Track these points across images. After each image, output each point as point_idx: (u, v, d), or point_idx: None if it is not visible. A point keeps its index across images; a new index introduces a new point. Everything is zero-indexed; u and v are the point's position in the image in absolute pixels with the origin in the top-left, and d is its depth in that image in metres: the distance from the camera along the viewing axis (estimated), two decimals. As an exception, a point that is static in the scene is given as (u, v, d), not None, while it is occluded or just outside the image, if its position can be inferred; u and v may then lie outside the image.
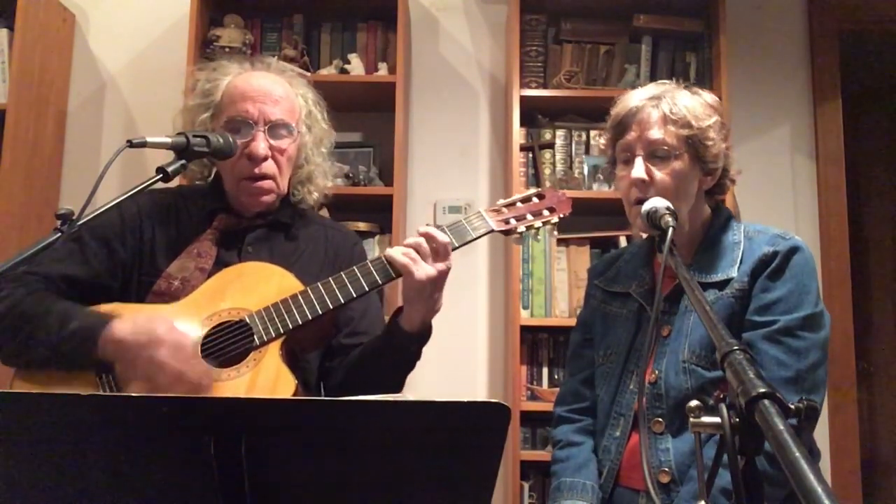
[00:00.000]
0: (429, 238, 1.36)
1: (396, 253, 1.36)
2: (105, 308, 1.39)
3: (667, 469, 1.35)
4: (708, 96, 1.46)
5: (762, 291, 1.36)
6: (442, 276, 1.36)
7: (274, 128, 1.46)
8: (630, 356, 1.46)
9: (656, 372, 1.41)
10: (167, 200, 1.52)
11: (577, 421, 1.55)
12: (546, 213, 1.49)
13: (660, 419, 1.39)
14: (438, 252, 1.36)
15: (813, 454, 1.44)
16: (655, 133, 1.38)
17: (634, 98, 1.43)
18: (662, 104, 1.39)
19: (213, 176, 1.56)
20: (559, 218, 1.50)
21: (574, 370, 1.61)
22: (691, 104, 1.40)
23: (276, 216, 1.54)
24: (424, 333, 1.43)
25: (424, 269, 1.34)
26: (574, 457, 1.49)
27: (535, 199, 1.51)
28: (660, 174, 1.38)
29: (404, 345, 1.41)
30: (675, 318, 1.43)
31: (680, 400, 1.34)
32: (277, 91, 1.49)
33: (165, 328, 1.27)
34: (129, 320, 1.29)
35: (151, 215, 1.50)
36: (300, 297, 1.36)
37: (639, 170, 1.38)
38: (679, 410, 1.34)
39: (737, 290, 1.38)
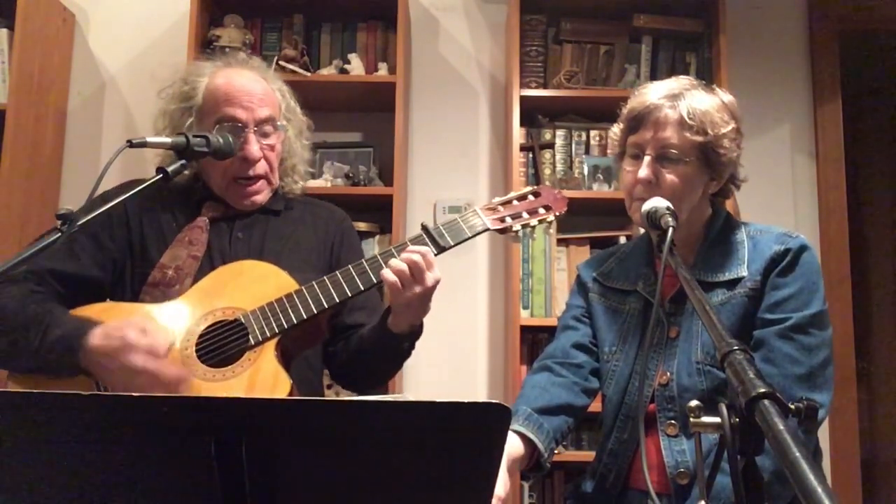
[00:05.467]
0: (413, 264, 1.34)
1: (387, 273, 1.35)
2: (96, 308, 1.39)
3: (684, 470, 1.34)
4: (726, 97, 1.44)
5: (773, 289, 1.36)
6: (428, 292, 1.35)
7: (262, 127, 1.48)
8: (639, 358, 1.44)
9: (668, 374, 1.39)
10: (153, 190, 1.51)
11: (560, 375, 1.49)
12: (542, 210, 1.49)
13: (673, 422, 1.37)
14: (422, 270, 1.34)
15: (816, 454, 1.44)
16: (669, 136, 1.37)
17: (652, 94, 1.41)
18: (681, 106, 1.37)
19: (196, 171, 1.53)
20: (555, 216, 1.50)
21: (565, 338, 1.55)
22: (710, 109, 1.37)
23: (266, 205, 1.55)
24: (414, 333, 1.44)
25: (412, 288, 1.33)
26: (533, 384, 1.48)
27: (531, 197, 1.51)
28: (667, 177, 1.37)
29: (395, 344, 1.43)
30: (681, 319, 1.42)
31: None
32: (258, 89, 1.50)
33: (136, 333, 1.26)
34: (103, 327, 1.28)
35: (138, 207, 1.50)
36: (295, 297, 1.36)
37: (647, 170, 1.37)
38: None
39: (749, 288, 1.37)
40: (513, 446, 1.32)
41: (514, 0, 2.61)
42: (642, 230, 1.53)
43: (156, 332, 1.28)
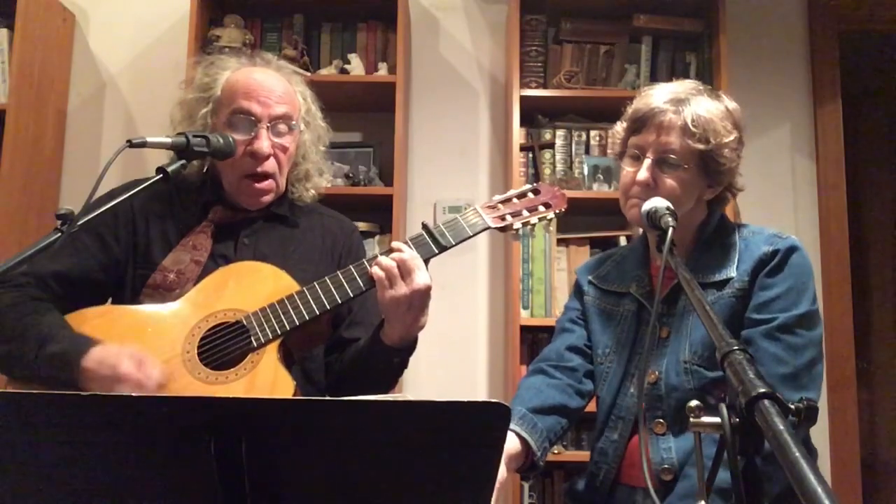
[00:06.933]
0: (401, 262, 1.34)
1: (374, 268, 1.34)
2: (95, 311, 1.38)
3: (668, 466, 1.35)
4: (730, 104, 1.44)
5: (761, 289, 1.37)
6: (416, 296, 1.33)
7: (276, 125, 1.46)
8: (632, 358, 1.46)
9: (656, 373, 1.40)
10: (161, 192, 1.49)
11: (554, 377, 1.51)
12: (542, 208, 1.49)
13: (661, 420, 1.39)
14: (410, 269, 1.33)
15: (810, 452, 1.45)
16: (671, 141, 1.38)
17: (657, 97, 1.41)
18: (685, 112, 1.37)
19: (207, 168, 1.53)
20: (555, 213, 1.50)
21: (560, 341, 1.57)
22: (714, 117, 1.38)
23: (272, 209, 1.53)
24: (406, 347, 1.41)
25: (398, 288, 1.33)
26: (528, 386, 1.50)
27: (530, 195, 1.51)
28: (666, 181, 1.38)
29: (386, 356, 1.40)
30: (672, 319, 1.44)
31: (682, 401, 1.34)
32: (279, 87, 1.48)
33: (129, 365, 1.25)
34: (100, 350, 1.27)
35: (145, 208, 1.48)
36: (297, 298, 1.35)
37: (646, 173, 1.38)
38: (681, 411, 1.34)
39: (737, 289, 1.38)
40: (508, 444, 1.34)
41: (514, 0, 2.62)
42: (641, 230, 1.54)
43: (151, 365, 1.27)
